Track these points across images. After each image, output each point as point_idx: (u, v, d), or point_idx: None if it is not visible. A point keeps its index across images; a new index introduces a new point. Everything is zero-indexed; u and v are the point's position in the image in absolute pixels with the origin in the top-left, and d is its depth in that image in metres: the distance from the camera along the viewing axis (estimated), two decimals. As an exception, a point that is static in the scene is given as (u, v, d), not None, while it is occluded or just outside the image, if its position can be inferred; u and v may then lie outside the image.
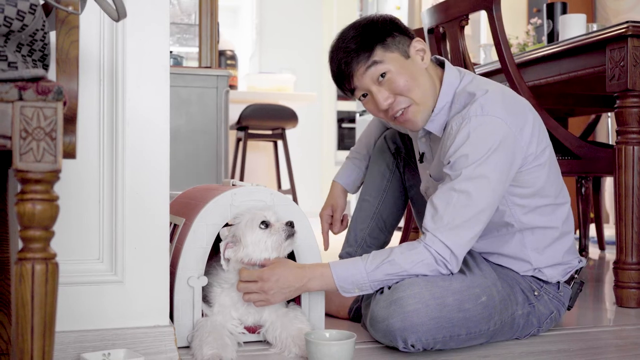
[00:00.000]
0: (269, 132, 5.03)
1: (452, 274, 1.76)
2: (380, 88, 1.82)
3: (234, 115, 4.73)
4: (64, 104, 1.01)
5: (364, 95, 1.86)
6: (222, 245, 1.79)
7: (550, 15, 3.23)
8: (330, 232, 2.26)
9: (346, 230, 2.31)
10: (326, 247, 2.18)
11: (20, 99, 0.98)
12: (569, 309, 1.99)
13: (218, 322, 1.76)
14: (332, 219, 2.25)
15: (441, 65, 1.92)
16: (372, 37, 1.81)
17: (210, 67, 3.62)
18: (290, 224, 1.78)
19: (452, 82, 1.87)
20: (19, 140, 0.97)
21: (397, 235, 3.48)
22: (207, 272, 1.81)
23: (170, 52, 4.08)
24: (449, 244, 1.72)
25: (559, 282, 1.92)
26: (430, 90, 1.85)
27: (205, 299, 1.82)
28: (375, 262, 1.75)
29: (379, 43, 1.80)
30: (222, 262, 1.78)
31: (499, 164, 1.73)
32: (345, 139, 7.83)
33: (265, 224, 1.78)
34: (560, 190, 1.92)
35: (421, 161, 2.02)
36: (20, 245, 1.00)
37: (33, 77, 0.99)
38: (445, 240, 1.72)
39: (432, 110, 1.86)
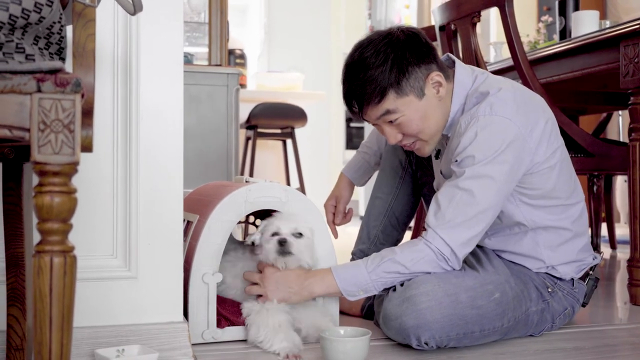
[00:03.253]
0: (278, 131, 5.02)
1: (453, 269, 1.76)
2: (391, 127, 1.83)
3: (243, 114, 4.72)
4: (82, 96, 1.01)
5: (374, 123, 1.88)
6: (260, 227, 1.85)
7: (562, 12, 3.21)
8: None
9: (359, 228, 2.31)
10: (335, 235, 2.18)
11: (39, 90, 0.97)
12: (584, 306, 1.98)
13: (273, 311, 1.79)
14: (335, 210, 2.24)
15: (454, 63, 1.90)
16: (387, 78, 1.75)
17: (220, 65, 3.62)
18: (281, 242, 1.77)
19: (464, 85, 1.85)
20: (37, 132, 0.97)
21: (406, 235, 3.47)
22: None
23: (181, 50, 4.07)
24: (449, 242, 1.72)
25: (573, 279, 1.91)
26: (442, 119, 1.85)
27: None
28: (375, 262, 1.75)
29: (392, 87, 1.76)
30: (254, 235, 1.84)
31: (506, 164, 1.72)
32: (353, 138, 7.82)
33: (275, 234, 1.80)
34: (572, 191, 1.89)
35: (437, 157, 2.01)
36: (39, 238, 1.00)
37: (51, 69, 0.98)
38: (446, 237, 1.72)
39: (444, 128, 1.87)
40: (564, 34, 3.22)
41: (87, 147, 1.16)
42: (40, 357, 0.97)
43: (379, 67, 1.75)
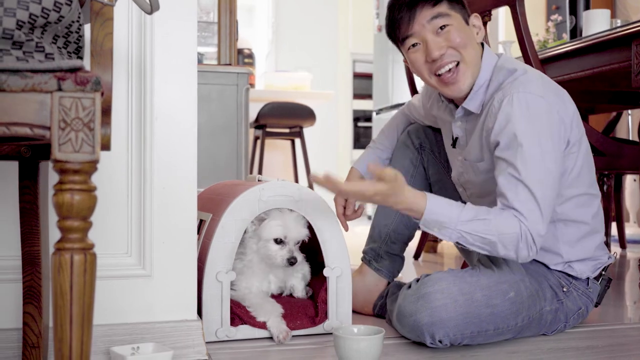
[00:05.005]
0: (287, 131, 5.03)
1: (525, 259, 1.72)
2: (436, 38, 1.82)
3: (251, 114, 4.74)
4: (102, 94, 1.01)
5: (414, 45, 1.85)
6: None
7: (573, 11, 3.21)
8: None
9: (369, 227, 2.30)
10: (346, 228, 2.17)
11: (59, 89, 0.97)
12: (596, 306, 1.98)
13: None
14: (346, 203, 2.23)
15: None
16: None
17: (229, 65, 3.63)
18: (291, 262, 1.86)
19: (490, 59, 1.87)
20: (58, 130, 0.97)
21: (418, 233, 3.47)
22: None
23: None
24: (533, 231, 1.67)
25: (588, 278, 1.90)
26: (478, 60, 1.85)
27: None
28: (470, 214, 1.68)
29: (445, 0, 1.82)
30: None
31: (550, 139, 1.71)
32: (361, 138, 7.83)
33: (279, 241, 1.86)
34: (593, 182, 1.91)
35: (454, 146, 2.00)
36: (55, 236, 1.00)
37: (71, 67, 0.99)
38: (532, 226, 1.67)
39: (472, 87, 1.85)
40: (575, 32, 3.21)
41: (105, 146, 1.16)
42: (60, 354, 0.97)
43: None
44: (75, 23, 1.13)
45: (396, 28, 1.86)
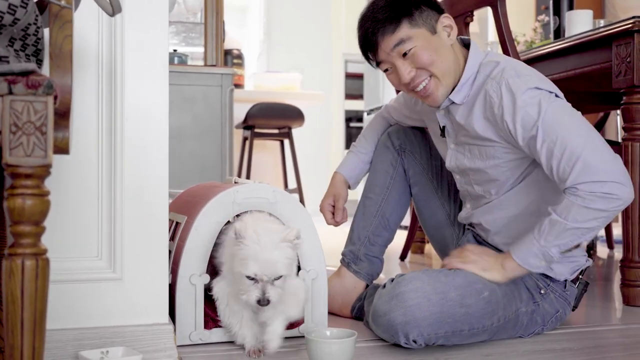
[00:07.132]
0: (276, 131, 5.02)
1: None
2: (404, 62, 1.84)
3: (240, 114, 4.72)
4: (55, 98, 1.00)
5: (387, 70, 1.89)
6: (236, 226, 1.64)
7: (557, 12, 3.20)
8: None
9: (348, 229, 2.29)
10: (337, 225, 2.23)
11: (10, 92, 0.96)
12: (573, 310, 1.97)
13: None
14: (333, 209, 2.22)
15: (467, 46, 1.93)
16: (400, 9, 1.82)
17: (215, 66, 3.61)
18: (261, 303, 1.58)
19: (477, 56, 1.89)
20: (9, 134, 0.96)
21: (402, 235, 3.46)
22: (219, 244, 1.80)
23: (175, 50, 4.08)
24: (595, 178, 1.65)
25: (566, 281, 1.90)
26: (453, 66, 1.86)
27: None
28: (538, 228, 1.72)
29: (406, 17, 1.82)
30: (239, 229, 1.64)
31: (558, 102, 1.73)
32: (353, 138, 7.81)
33: (252, 279, 1.59)
34: None
35: (443, 135, 2.01)
36: (11, 240, 0.99)
37: (23, 70, 0.98)
38: (588, 177, 1.65)
39: (454, 88, 1.87)
40: (559, 33, 3.20)
41: (63, 149, 1.15)
42: (12, 360, 0.97)
43: (392, 6, 1.83)
44: (33, 26, 1.12)
45: (368, 56, 1.92)
